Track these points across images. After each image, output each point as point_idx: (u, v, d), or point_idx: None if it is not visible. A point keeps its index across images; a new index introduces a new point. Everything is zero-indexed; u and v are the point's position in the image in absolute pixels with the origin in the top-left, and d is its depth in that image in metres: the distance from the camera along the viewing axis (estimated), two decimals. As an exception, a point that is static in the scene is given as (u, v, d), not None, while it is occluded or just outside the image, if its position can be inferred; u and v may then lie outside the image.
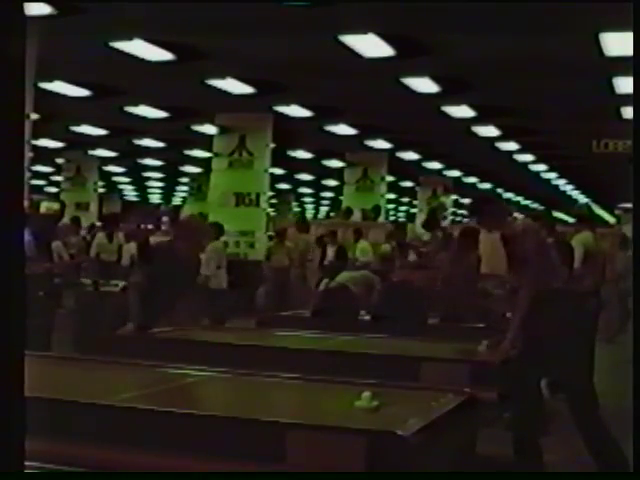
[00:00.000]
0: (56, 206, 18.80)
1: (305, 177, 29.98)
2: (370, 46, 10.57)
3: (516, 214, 5.72)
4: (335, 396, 3.89)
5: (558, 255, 5.40)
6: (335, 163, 23.77)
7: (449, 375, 4.52)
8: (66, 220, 14.64)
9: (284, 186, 31.34)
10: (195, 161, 24.32)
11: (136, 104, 16.14)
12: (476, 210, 5.39)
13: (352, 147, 20.92)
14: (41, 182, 32.58)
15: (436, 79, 12.80)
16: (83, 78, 13.78)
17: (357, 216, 19.44)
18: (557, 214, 34.04)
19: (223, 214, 15.05)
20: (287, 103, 15.51)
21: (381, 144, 20.54)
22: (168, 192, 39.36)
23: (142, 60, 11.60)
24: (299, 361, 4.80)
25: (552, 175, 27.57)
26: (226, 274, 10.66)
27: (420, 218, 23.88)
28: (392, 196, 32.98)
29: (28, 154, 11.49)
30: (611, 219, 33.52)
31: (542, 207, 36.08)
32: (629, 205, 17.81)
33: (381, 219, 20.37)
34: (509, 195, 33.12)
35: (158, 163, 27.40)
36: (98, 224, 17.82)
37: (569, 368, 5.19)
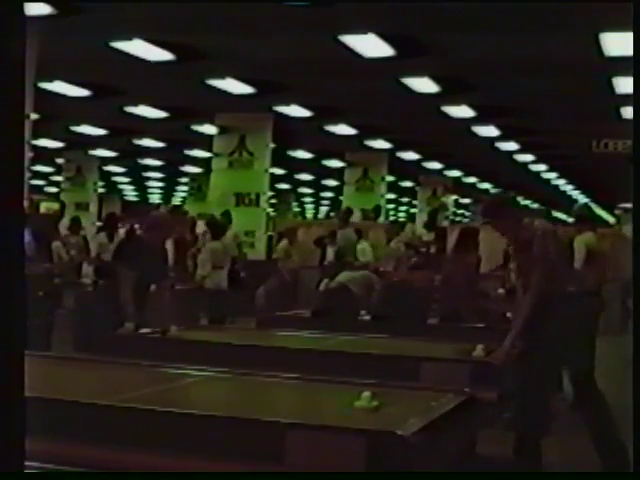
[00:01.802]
0: (56, 206, 18.81)
1: (305, 177, 29.98)
2: (370, 46, 10.57)
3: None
4: (335, 396, 3.89)
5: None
6: (335, 163, 23.78)
7: (449, 375, 4.52)
8: (66, 220, 14.62)
9: (284, 186, 31.34)
10: (195, 161, 24.33)
11: (136, 104, 16.14)
12: (490, 213, 5.30)
13: (352, 147, 20.92)
14: (41, 182, 32.58)
15: (436, 79, 12.80)
16: (83, 78, 13.78)
17: (357, 216, 19.45)
18: (557, 214, 34.05)
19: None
20: (287, 103, 15.51)
21: (381, 144, 20.54)
22: (168, 192, 39.36)
23: (142, 60, 11.60)
24: (299, 361, 4.79)
25: (552, 175, 27.58)
26: (226, 274, 10.64)
27: (420, 218, 23.91)
28: (392, 196, 32.98)
29: (28, 154, 11.48)
30: (611, 219, 33.52)
31: (542, 207, 36.10)
32: (629, 205, 17.81)
33: (381, 219, 20.37)
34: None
35: (158, 163, 27.40)
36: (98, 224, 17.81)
37: (570, 368, 5.20)
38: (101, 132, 19.88)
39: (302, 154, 22.60)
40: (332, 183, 29.77)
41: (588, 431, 5.04)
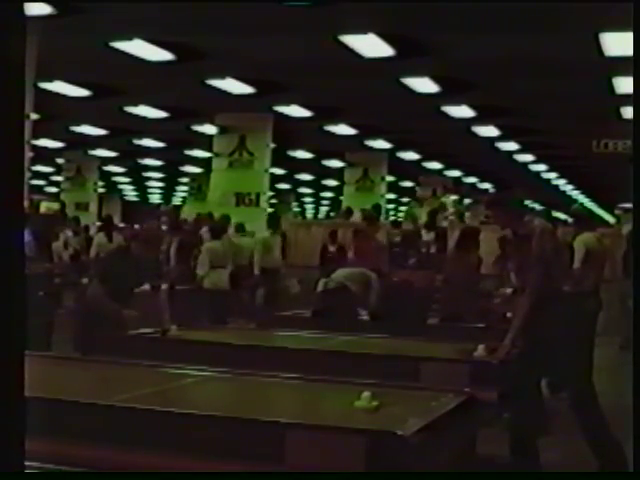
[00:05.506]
0: (56, 206, 18.79)
1: (305, 177, 29.98)
2: (370, 46, 10.57)
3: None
4: (335, 396, 3.89)
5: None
6: (335, 163, 23.78)
7: (449, 375, 4.52)
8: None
9: (284, 186, 31.34)
10: (195, 161, 24.33)
11: (136, 104, 16.14)
12: (491, 208, 5.34)
13: (352, 147, 20.92)
14: (41, 182, 32.59)
15: (436, 79, 12.79)
16: (83, 78, 13.78)
17: (357, 216, 19.44)
18: (557, 214, 34.01)
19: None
20: (287, 103, 15.51)
21: (381, 144, 20.54)
22: (168, 192, 39.36)
23: (142, 60, 11.60)
24: (299, 361, 4.79)
25: (552, 175, 27.57)
26: (227, 274, 10.62)
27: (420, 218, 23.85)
28: (392, 196, 32.97)
29: (28, 154, 11.49)
30: (611, 219, 33.52)
31: (542, 207, 36.09)
32: (629, 205, 17.80)
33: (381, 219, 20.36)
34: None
35: (158, 163, 27.40)
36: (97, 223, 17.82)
37: (569, 368, 5.20)
38: (101, 132, 19.88)
39: (302, 154, 22.60)
40: (332, 183, 29.77)
41: (582, 431, 5.03)
